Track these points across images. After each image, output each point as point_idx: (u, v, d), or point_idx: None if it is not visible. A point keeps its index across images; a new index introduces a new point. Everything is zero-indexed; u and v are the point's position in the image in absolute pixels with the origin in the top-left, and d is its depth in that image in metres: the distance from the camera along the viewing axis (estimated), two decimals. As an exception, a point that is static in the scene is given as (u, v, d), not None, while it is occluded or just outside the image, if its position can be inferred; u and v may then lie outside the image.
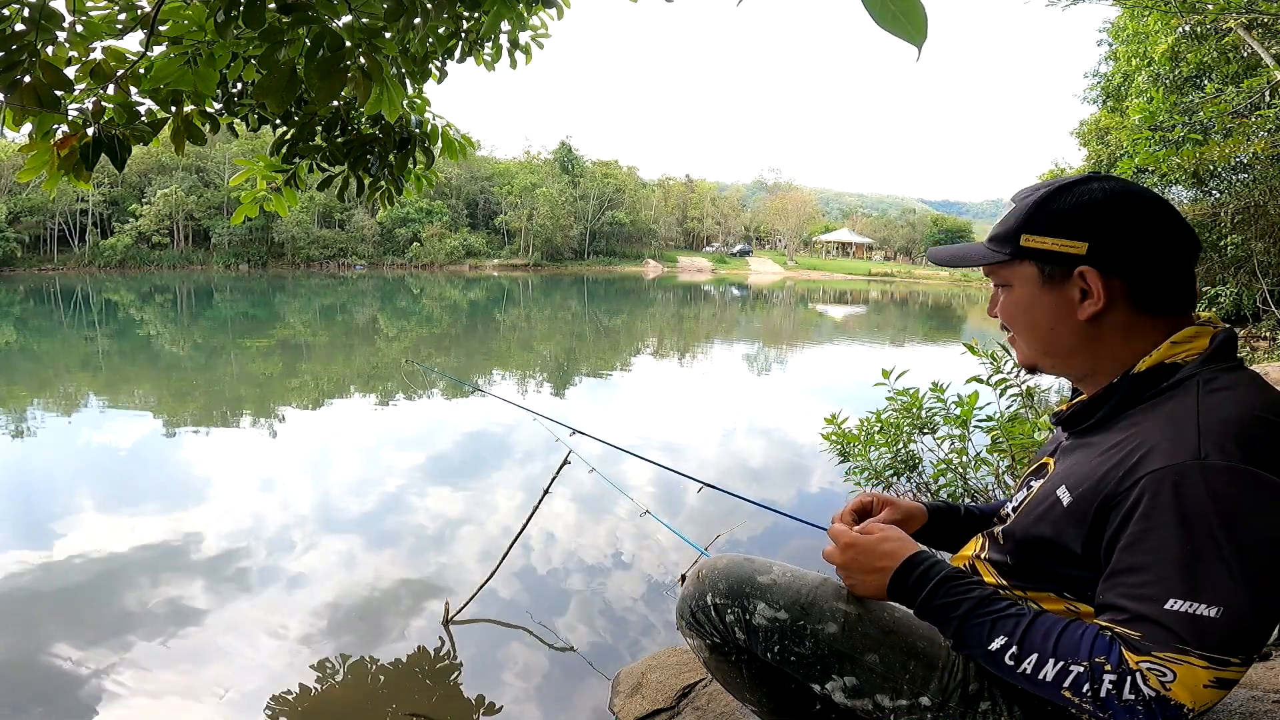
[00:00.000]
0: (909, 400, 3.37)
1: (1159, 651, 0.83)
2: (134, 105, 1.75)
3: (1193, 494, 0.81)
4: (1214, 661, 0.81)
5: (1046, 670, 0.90)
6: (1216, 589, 0.80)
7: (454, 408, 8.52)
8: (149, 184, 48.79)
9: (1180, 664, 0.82)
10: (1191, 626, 0.81)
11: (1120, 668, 0.85)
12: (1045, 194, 0.99)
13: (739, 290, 41.67)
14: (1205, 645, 0.81)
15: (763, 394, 10.16)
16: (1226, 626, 0.80)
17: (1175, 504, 0.82)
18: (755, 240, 79.45)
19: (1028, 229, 0.99)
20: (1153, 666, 0.83)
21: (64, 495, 5.08)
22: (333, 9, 1.55)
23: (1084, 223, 0.96)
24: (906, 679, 1.08)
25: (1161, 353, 0.95)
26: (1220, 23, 9.66)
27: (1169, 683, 0.82)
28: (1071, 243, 0.96)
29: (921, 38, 0.75)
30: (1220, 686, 0.82)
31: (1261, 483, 0.81)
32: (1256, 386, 0.90)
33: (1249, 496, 0.81)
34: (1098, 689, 0.85)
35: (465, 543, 4.33)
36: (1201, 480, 0.81)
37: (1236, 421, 0.84)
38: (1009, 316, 1.06)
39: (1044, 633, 0.91)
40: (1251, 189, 14.21)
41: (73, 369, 11.39)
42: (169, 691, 2.81)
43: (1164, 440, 0.86)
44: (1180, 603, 0.81)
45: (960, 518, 1.31)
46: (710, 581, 1.22)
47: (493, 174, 63.00)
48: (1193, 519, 0.81)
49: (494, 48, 2.39)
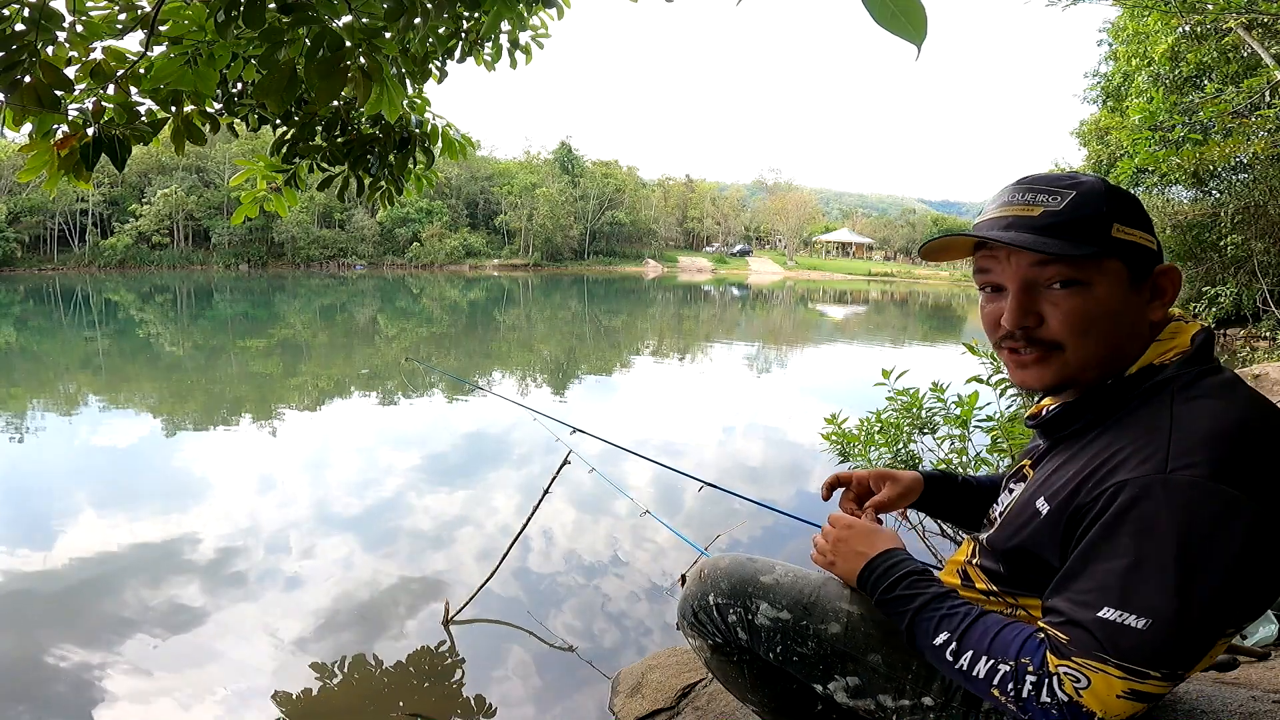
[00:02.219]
0: (909, 400, 3.36)
1: (1079, 657, 0.83)
2: (134, 105, 1.75)
3: (1151, 507, 0.79)
4: (1130, 673, 0.80)
5: (979, 667, 0.91)
6: (1148, 601, 0.79)
7: (454, 408, 8.52)
8: (149, 184, 48.77)
9: (1096, 672, 0.81)
10: (1115, 635, 0.80)
11: (1041, 669, 0.86)
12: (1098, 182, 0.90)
13: (739, 290, 41.67)
14: (1123, 655, 0.80)
15: (762, 394, 10.16)
16: (1150, 640, 0.79)
17: (1133, 516, 0.80)
18: (755, 240, 79.42)
19: (1120, 218, 0.88)
20: (1069, 671, 0.83)
21: (64, 495, 5.08)
22: (333, 9, 1.55)
23: (1141, 215, 0.91)
24: (909, 679, 1.08)
25: (1152, 353, 0.91)
26: (1220, 23, 9.66)
27: (1082, 689, 0.82)
28: (1148, 236, 0.90)
29: (921, 37, 0.75)
30: (1135, 699, 0.81)
31: (1225, 500, 0.77)
32: (1233, 394, 0.87)
33: (1207, 514, 0.77)
34: (1020, 689, 0.86)
35: (465, 542, 4.33)
36: (1163, 494, 0.79)
37: (1208, 434, 0.81)
38: (1080, 323, 0.90)
39: (983, 631, 0.93)
40: (1251, 189, 14.21)
41: (73, 369, 11.39)
42: (169, 691, 2.81)
43: (1135, 451, 0.84)
44: (1112, 611, 0.80)
45: (958, 486, 1.31)
46: (712, 581, 1.22)
47: (493, 174, 62.99)
48: (1146, 532, 0.79)
49: (494, 48, 2.38)
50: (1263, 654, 1.77)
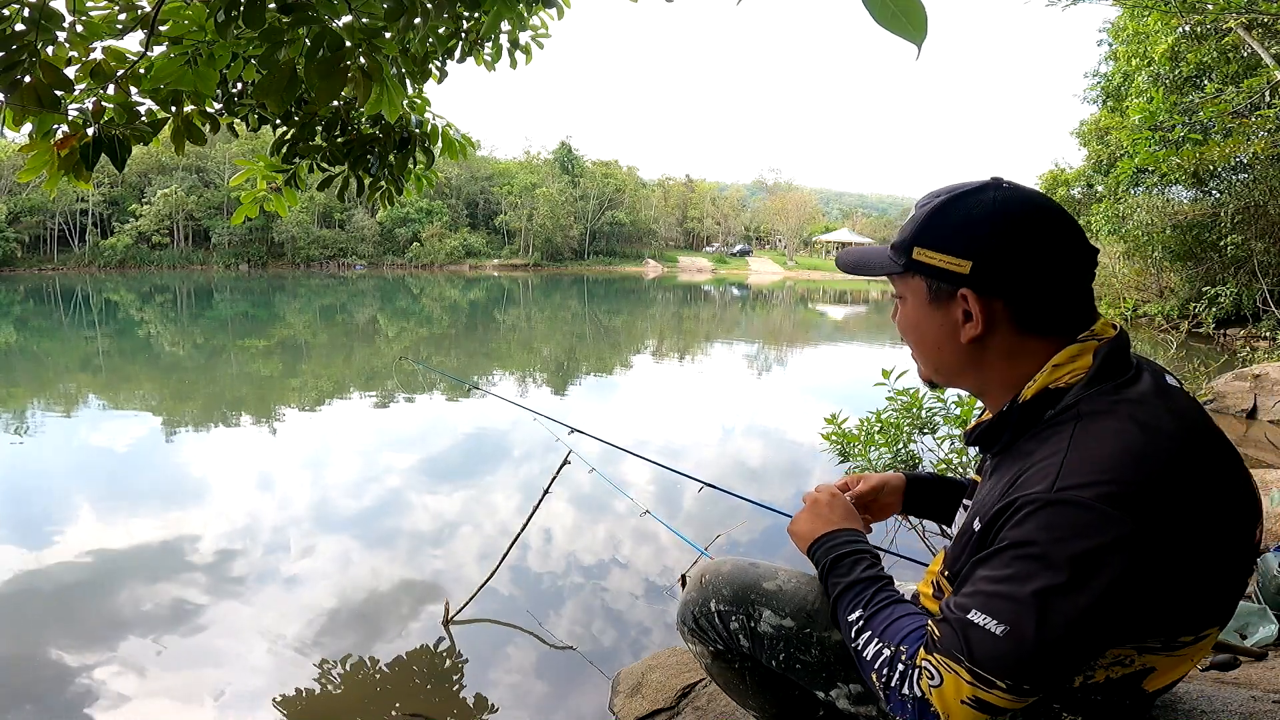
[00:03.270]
0: (909, 400, 3.36)
1: (940, 654, 0.84)
2: (134, 105, 1.75)
3: (1031, 523, 0.80)
4: (978, 678, 0.80)
5: (869, 649, 0.93)
6: (1010, 609, 0.79)
7: (454, 408, 8.52)
8: (149, 184, 48.78)
9: (949, 672, 0.82)
10: (974, 638, 0.81)
11: (909, 661, 0.87)
12: (940, 203, 0.93)
13: (739, 290, 41.67)
14: (975, 660, 0.81)
15: (762, 394, 10.16)
16: (1003, 648, 0.79)
17: (1017, 532, 0.81)
18: (755, 240, 79.38)
19: (920, 241, 0.93)
20: (929, 667, 0.85)
21: (63, 495, 5.08)
22: (333, 9, 1.55)
23: (969, 239, 0.90)
24: None
25: (1045, 377, 0.90)
26: (1220, 23, 9.66)
27: (934, 686, 0.83)
28: (957, 260, 0.90)
29: (921, 36, 0.75)
30: (978, 708, 0.81)
31: (1104, 522, 0.77)
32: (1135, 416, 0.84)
33: (1084, 534, 0.77)
34: (890, 676, 0.88)
35: (465, 543, 4.33)
36: (1044, 512, 0.79)
37: (1096, 459, 0.81)
38: (903, 329, 1.02)
39: (888, 615, 0.94)
40: (1251, 189, 14.21)
41: (72, 369, 11.39)
42: (169, 692, 2.81)
43: (1035, 473, 0.84)
44: (979, 615, 0.81)
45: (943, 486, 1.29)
46: (714, 588, 1.20)
47: (493, 174, 62.99)
48: (1025, 545, 0.80)
49: (494, 48, 2.39)
50: (1262, 654, 1.77)
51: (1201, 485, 0.82)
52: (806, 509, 1.16)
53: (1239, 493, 0.85)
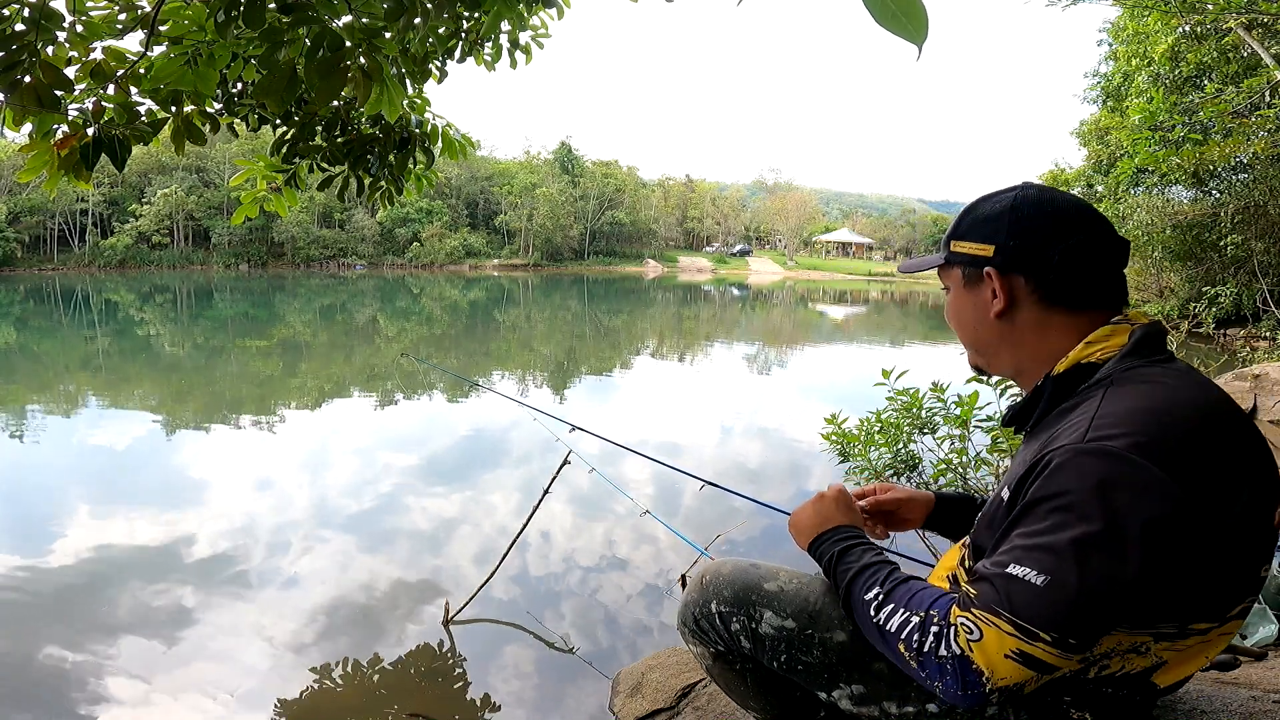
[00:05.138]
0: (909, 400, 3.36)
1: (978, 609, 0.84)
2: (134, 105, 1.75)
3: (1064, 474, 0.83)
4: (1021, 630, 0.80)
5: (894, 620, 0.92)
6: (1050, 560, 0.80)
7: (454, 408, 8.52)
8: (149, 184, 48.78)
9: (990, 625, 0.82)
10: (1014, 589, 0.81)
11: (943, 621, 0.87)
12: (972, 203, 1.06)
13: (739, 290, 41.67)
14: (1016, 610, 0.81)
15: (762, 394, 10.16)
16: (1046, 598, 0.80)
17: (1051, 484, 0.83)
18: (755, 240, 79.38)
19: (954, 235, 1.06)
20: (966, 622, 0.84)
21: (64, 495, 5.08)
22: (333, 9, 1.55)
23: (991, 227, 1.01)
24: (914, 686, 1.07)
25: (1077, 353, 0.96)
26: (1220, 23, 9.66)
27: (974, 642, 0.82)
28: (981, 245, 1.02)
29: (922, 37, 0.75)
30: (1023, 662, 0.81)
31: (1136, 470, 0.80)
32: (1166, 382, 0.89)
33: (1115, 479, 0.80)
34: (924, 642, 0.87)
35: (465, 543, 4.33)
36: (1076, 462, 0.82)
37: (1127, 412, 0.84)
38: (949, 318, 1.13)
39: (908, 588, 0.95)
40: (1251, 189, 14.21)
41: (72, 369, 11.39)
42: (169, 692, 2.81)
43: (1064, 431, 0.88)
44: (1018, 568, 0.82)
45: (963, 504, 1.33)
46: (714, 589, 1.20)
47: (493, 174, 62.98)
48: (1058, 496, 0.82)
49: (494, 48, 2.38)
50: (1262, 654, 1.77)
51: (1227, 452, 0.85)
52: (810, 504, 1.17)
53: (1263, 468, 0.88)
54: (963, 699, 0.84)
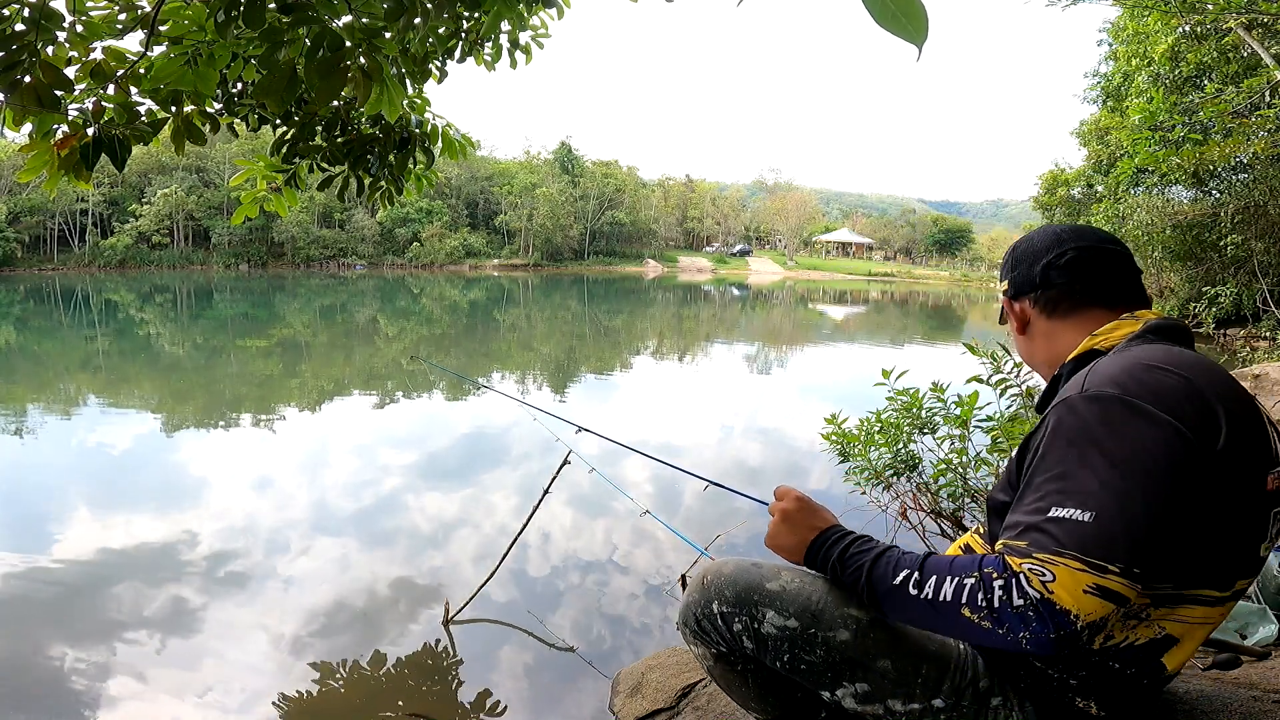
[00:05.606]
0: (909, 400, 3.37)
1: (1038, 554, 0.86)
2: (134, 105, 1.75)
3: (1071, 419, 0.92)
4: (1089, 565, 0.83)
5: (945, 589, 0.92)
6: (1088, 496, 0.86)
7: (453, 408, 8.52)
8: (149, 184, 48.75)
9: (1057, 564, 0.84)
10: (1067, 530, 0.86)
11: (1005, 573, 0.88)
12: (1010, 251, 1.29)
13: (739, 290, 41.66)
14: (1080, 547, 0.84)
15: (762, 394, 10.16)
16: (1098, 530, 0.84)
17: (1058, 429, 0.93)
18: (755, 240, 79.34)
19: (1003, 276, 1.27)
20: (1033, 568, 0.86)
21: (63, 496, 5.08)
22: (333, 9, 1.55)
23: (1006, 267, 1.24)
24: (919, 682, 1.08)
25: (1088, 342, 1.09)
26: (1220, 23, 9.66)
27: (1049, 583, 0.84)
28: (1002, 284, 1.25)
29: (922, 37, 0.75)
30: (1103, 596, 0.83)
31: (1130, 406, 0.89)
32: (1164, 348, 0.98)
33: (1117, 417, 0.89)
34: (990, 599, 0.87)
35: (465, 543, 4.33)
36: (1081, 406, 0.92)
37: (1122, 366, 0.94)
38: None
39: (942, 559, 0.97)
40: (1251, 189, 14.22)
41: (72, 369, 11.39)
42: (169, 692, 2.81)
43: (1064, 392, 0.98)
44: (1060, 510, 0.87)
45: None
46: (716, 589, 1.20)
47: (493, 174, 62.93)
48: (1071, 439, 0.91)
49: (494, 48, 2.38)
50: (1263, 654, 1.77)
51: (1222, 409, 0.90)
52: (780, 522, 1.17)
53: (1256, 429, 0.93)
54: (1055, 643, 0.84)
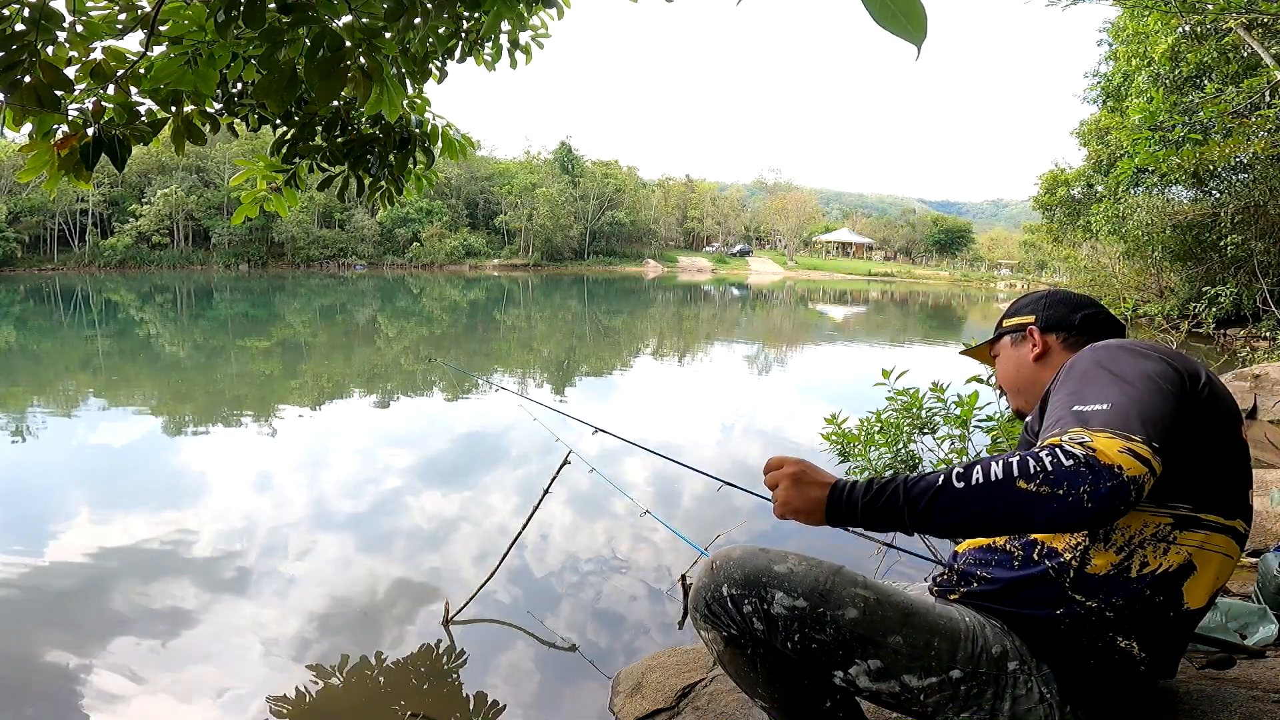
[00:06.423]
0: (909, 400, 3.37)
1: (1071, 430, 0.99)
2: (134, 105, 1.75)
3: (1083, 360, 1.13)
4: (1118, 434, 0.96)
5: (994, 470, 0.97)
6: (1103, 393, 1.04)
7: (453, 408, 8.52)
8: (149, 184, 48.74)
9: (1090, 435, 0.96)
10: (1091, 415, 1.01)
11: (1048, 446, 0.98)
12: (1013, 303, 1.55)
13: (739, 290, 41.66)
14: (1106, 424, 0.98)
15: (762, 394, 10.16)
16: (1115, 411, 1.00)
17: (1071, 369, 1.13)
18: (755, 240, 79.34)
19: (1002, 319, 1.52)
20: (1071, 438, 0.97)
21: (63, 495, 5.08)
22: (333, 9, 1.55)
23: (1032, 307, 1.47)
24: (933, 655, 1.11)
25: None
26: (1220, 23, 9.66)
27: (1089, 444, 0.94)
28: (1025, 317, 1.46)
29: (921, 36, 0.75)
30: (1135, 458, 0.93)
31: (1130, 349, 1.13)
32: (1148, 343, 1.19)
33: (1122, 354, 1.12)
34: (1043, 464, 0.94)
35: (465, 542, 4.33)
36: (1089, 352, 1.15)
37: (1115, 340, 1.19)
38: (1000, 378, 1.52)
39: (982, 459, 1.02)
40: (1251, 189, 14.23)
41: (72, 369, 11.39)
42: (168, 692, 2.81)
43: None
44: (1082, 405, 1.03)
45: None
46: (725, 572, 1.22)
47: (493, 174, 62.92)
48: (1084, 370, 1.11)
49: (494, 48, 2.38)
50: (1262, 653, 1.77)
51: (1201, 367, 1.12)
52: (790, 486, 1.13)
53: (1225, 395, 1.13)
54: (1113, 493, 0.90)
